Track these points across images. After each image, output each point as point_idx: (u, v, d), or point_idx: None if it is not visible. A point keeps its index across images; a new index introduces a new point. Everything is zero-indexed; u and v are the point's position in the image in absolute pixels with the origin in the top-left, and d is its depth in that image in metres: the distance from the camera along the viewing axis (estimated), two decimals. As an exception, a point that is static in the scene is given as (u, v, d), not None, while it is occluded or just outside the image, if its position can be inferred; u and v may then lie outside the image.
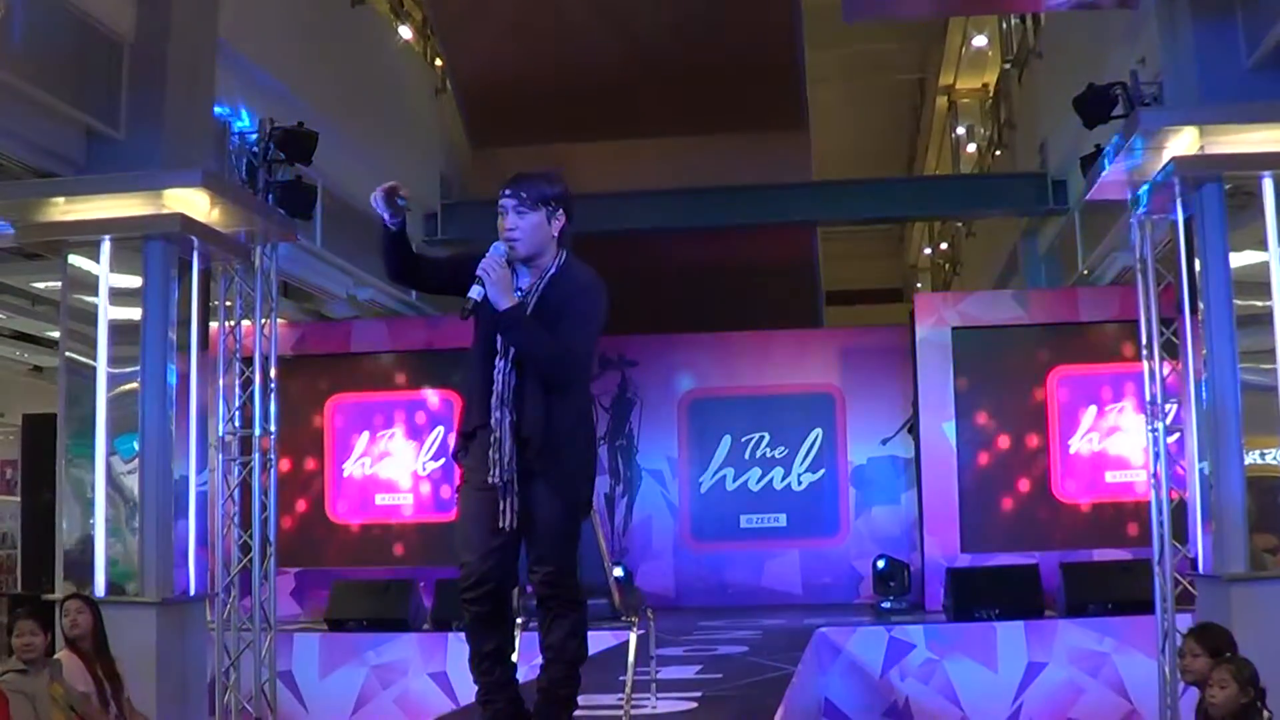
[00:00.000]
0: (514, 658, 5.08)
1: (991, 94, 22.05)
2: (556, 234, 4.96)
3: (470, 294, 4.76)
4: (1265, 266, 8.46)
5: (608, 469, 15.64)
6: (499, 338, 4.87)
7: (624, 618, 6.47)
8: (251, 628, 10.12)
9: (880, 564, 14.03)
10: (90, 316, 9.05)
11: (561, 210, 4.95)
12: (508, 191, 4.91)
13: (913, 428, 14.53)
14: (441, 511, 14.38)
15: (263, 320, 10.27)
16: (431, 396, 14.61)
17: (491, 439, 4.84)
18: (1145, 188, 9.15)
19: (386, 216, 4.82)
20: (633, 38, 14.60)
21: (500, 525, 4.78)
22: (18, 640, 6.94)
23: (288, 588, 13.80)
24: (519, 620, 6.10)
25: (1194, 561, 9.03)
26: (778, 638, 11.55)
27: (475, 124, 16.38)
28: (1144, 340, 9.71)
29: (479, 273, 4.75)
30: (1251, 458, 8.46)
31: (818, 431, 15.62)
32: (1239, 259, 8.52)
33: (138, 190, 8.88)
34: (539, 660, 5.04)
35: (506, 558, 4.87)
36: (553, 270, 4.94)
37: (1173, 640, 9.33)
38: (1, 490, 17.66)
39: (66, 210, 8.95)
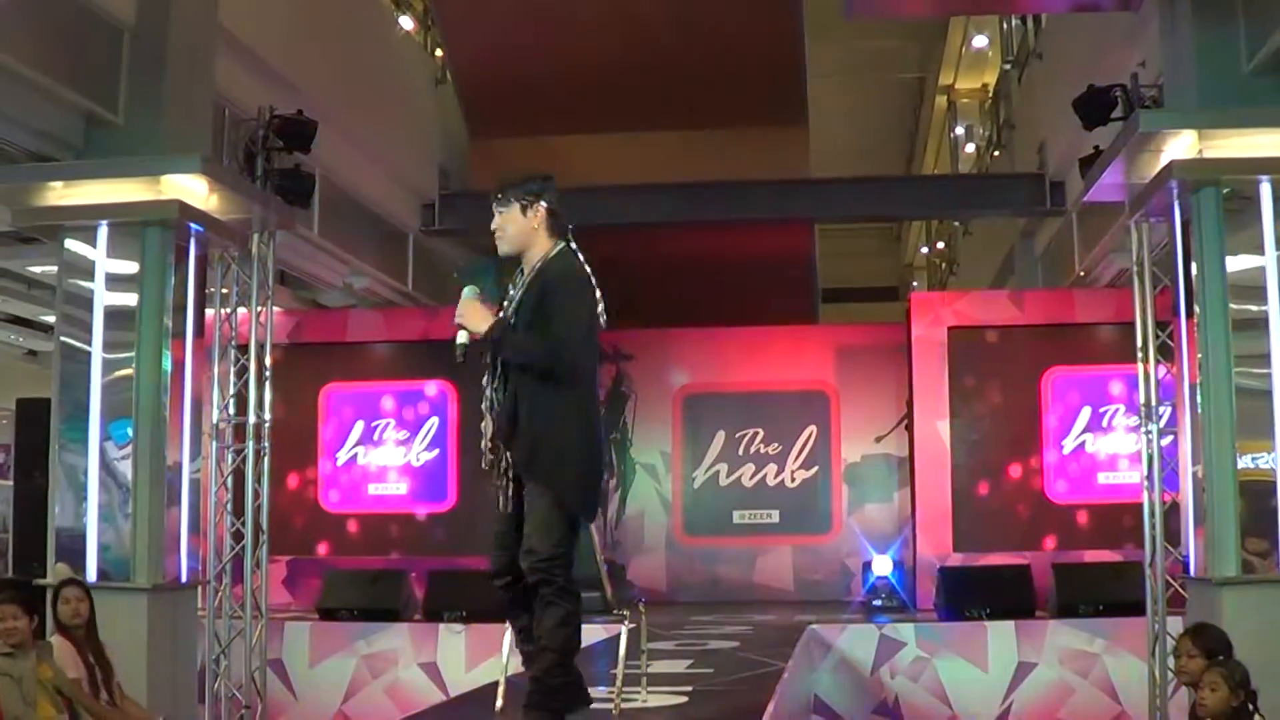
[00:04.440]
0: None
1: (991, 94, 22.06)
2: (540, 224, 5.23)
3: (458, 339, 5.13)
4: (1261, 271, 8.47)
5: (601, 462, 15.63)
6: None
7: (615, 611, 6.50)
8: (242, 615, 10.11)
9: (879, 565, 14.03)
10: (86, 302, 9.02)
11: (540, 201, 5.22)
12: (492, 200, 5.31)
13: (907, 426, 14.54)
14: (434, 502, 14.40)
15: (259, 308, 10.25)
16: (427, 387, 14.61)
17: (484, 444, 5.31)
18: (1143, 190, 9.15)
19: None
20: (634, 31, 14.59)
21: (499, 510, 5.24)
22: (0, 625, 6.93)
23: (279, 576, 13.79)
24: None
25: (1185, 564, 9.04)
26: (769, 633, 11.56)
27: (475, 115, 16.37)
28: (1139, 343, 9.71)
29: (455, 322, 5.14)
30: (1243, 462, 8.47)
31: (812, 428, 15.65)
32: (1235, 263, 8.53)
33: (136, 176, 8.86)
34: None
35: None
36: (539, 263, 5.21)
37: (1163, 643, 9.34)
38: (-6, 474, 17.63)
39: (64, 195, 8.93)
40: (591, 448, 5.25)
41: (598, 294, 5.23)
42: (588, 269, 5.27)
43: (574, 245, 5.30)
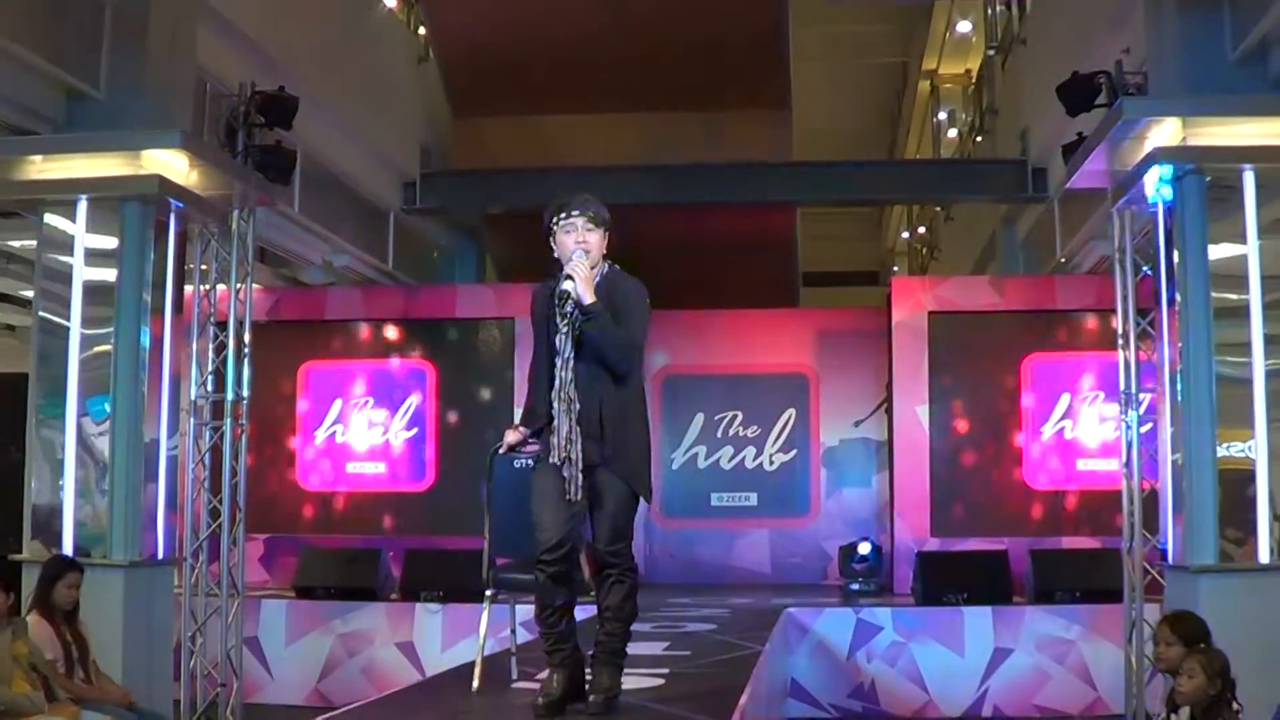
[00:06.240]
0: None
1: (974, 79, 22.04)
2: (604, 246, 5.88)
3: (563, 286, 5.62)
4: (1243, 259, 8.48)
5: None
6: (558, 337, 5.66)
7: (593, 593, 6.49)
8: (219, 593, 10.09)
9: (862, 549, 14.02)
10: (65, 276, 9.00)
11: (608, 232, 5.88)
12: (577, 211, 5.77)
13: (886, 410, 14.53)
14: (413, 481, 14.38)
15: (238, 285, 10.21)
16: (407, 366, 14.58)
17: (554, 426, 5.62)
18: (1126, 178, 9.15)
19: None
20: (617, 11, 14.52)
21: (567, 498, 5.55)
22: (-22, 600, 6.91)
23: (256, 554, 13.78)
24: (489, 593, 6.34)
25: (1164, 552, 9.05)
26: (746, 616, 11.54)
27: (457, 94, 16.31)
28: (1120, 330, 9.72)
29: (569, 270, 5.64)
30: (1221, 450, 8.49)
31: (791, 412, 15.60)
32: (1217, 251, 8.54)
33: (116, 150, 8.83)
34: (505, 633, 5.25)
35: (577, 526, 5.65)
36: (598, 279, 5.77)
37: (1140, 630, 9.37)
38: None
39: (43, 169, 8.89)
40: (649, 437, 5.87)
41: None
42: None
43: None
